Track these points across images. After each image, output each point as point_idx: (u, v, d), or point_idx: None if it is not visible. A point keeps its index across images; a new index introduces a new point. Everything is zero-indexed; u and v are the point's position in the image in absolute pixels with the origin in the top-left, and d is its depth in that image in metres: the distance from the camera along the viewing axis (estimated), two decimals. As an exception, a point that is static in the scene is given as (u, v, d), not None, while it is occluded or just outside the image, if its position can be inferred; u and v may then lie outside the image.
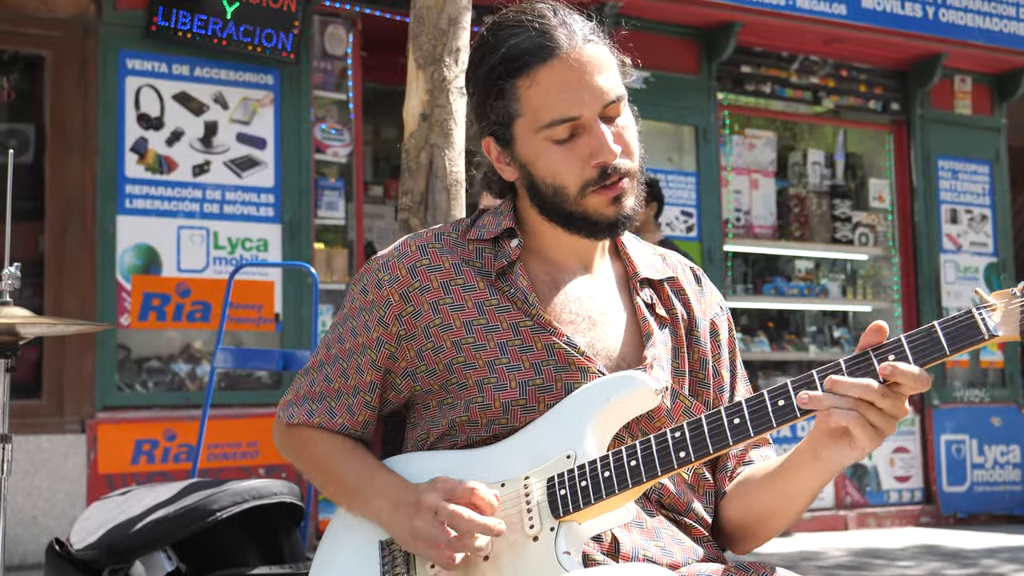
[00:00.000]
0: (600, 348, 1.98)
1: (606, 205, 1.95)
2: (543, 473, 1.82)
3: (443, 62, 3.56)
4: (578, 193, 1.94)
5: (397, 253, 2.04)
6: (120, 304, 7.15)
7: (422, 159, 3.54)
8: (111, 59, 7.28)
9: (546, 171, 1.96)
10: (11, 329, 2.96)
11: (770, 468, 1.97)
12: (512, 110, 1.97)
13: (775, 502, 1.95)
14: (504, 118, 1.98)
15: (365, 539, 1.94)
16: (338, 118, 8.09)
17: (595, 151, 1.92)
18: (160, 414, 7.15)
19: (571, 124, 1.93)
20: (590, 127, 1.93)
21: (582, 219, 1.97)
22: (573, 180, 1.94)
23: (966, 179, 10.56)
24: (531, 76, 1.93)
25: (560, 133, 1.93)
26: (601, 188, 1.94)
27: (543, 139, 1.95)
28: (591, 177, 1.93)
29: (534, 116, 1.95)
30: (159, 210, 7.31)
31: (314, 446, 2.04)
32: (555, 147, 1.94)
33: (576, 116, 1.92)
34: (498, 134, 2.01)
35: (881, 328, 1.72)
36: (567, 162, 1.94)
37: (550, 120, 1.93)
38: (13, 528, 6.48)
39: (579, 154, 1.93)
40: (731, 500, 2.02)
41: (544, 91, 1.93)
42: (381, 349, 2.00)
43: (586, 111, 1.92)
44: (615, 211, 1.96)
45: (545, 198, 1.98)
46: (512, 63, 1.94)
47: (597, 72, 1.93)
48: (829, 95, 10.11)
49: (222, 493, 3.17)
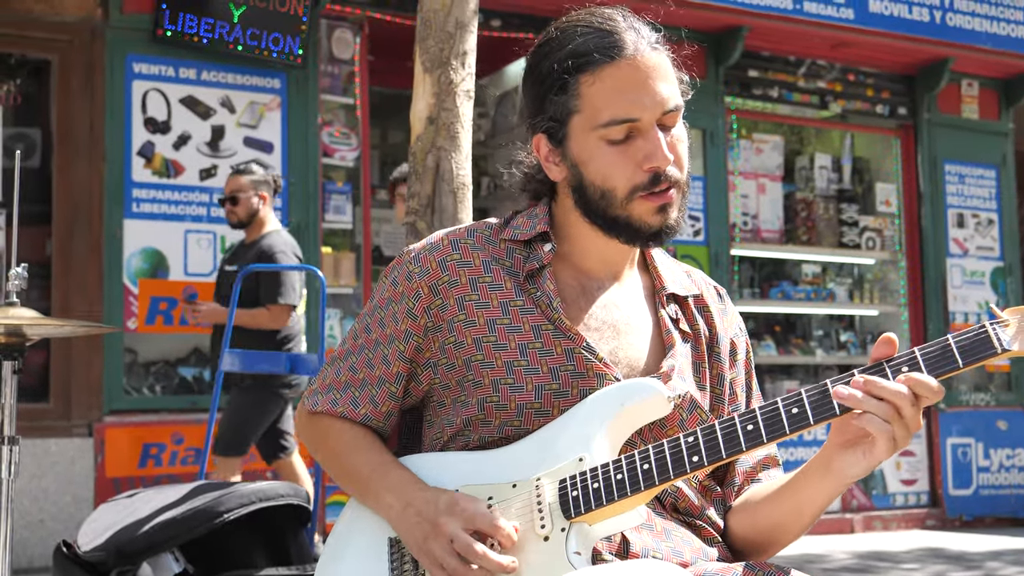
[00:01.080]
0: (623, 356, 1.98)
1: (652, 213, 1.95)
2: (555, 475, 1.82)
3: (450, 65, 3.56)
4: (626, 197, 1.94)
5: (429, 247, 2.05)
6: (127, 308, 7.16)
7: (429, 162, 3.54)
8: (118, 63, 7.30)
9: (596, 172, 1.96)
10: (18, 330, 2.96)
11: (779, 484, 1.98)
12: (571, 106, 1.97)
13: (783, 516, 1.96)
14: (562, 114, 1.98)
15: (374, 535, 1.95)
16: (345, 122, 8.10)
17: (649, 155, 1.92)
18: (167, 417, 7.16)
19: (629, 125, 1.93)
20: (647, 131, 1.93)
21: (625, 224, 1.97)
22: (623, 183, 1.94)
23: (973, 183, 10.56)
24: (595, 73, 1.93)
25: (616, 134, 1.93)
26: (650, 195, 1.94)
27: (598, 138, 1.95)
28: (642, 181, 1.93)
29: (593, 114, 1.94)
30: (166, 214, 7.32)
31: (335, 435, 2.05)
32: (609, 148, 1.94)
33: (635, 118, 1.92)
34: (551, 131, 2.01)
35: (891, 340, 1.74)
36: (619, 164, 1.94)
37: (609, 119, 1.93)
38: (21, 531, 6.48)
39: (633, 157, 1.93)
40: (736, 515, 2.03)
41: (607, 89, 1.93)
42: (409, 341, 2.00)
43: (646, 115, 1.92)
44: (660, 220, 1.96)
45: (592, 200, 1.98)
46: (578, 59, 1.94)
47: (660, 79, 1.93)
48: (836, 99, 10.11)
49: (229, 495, 3.17)
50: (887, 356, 1.73)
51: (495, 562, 1.77)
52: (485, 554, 1.77)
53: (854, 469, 1.78)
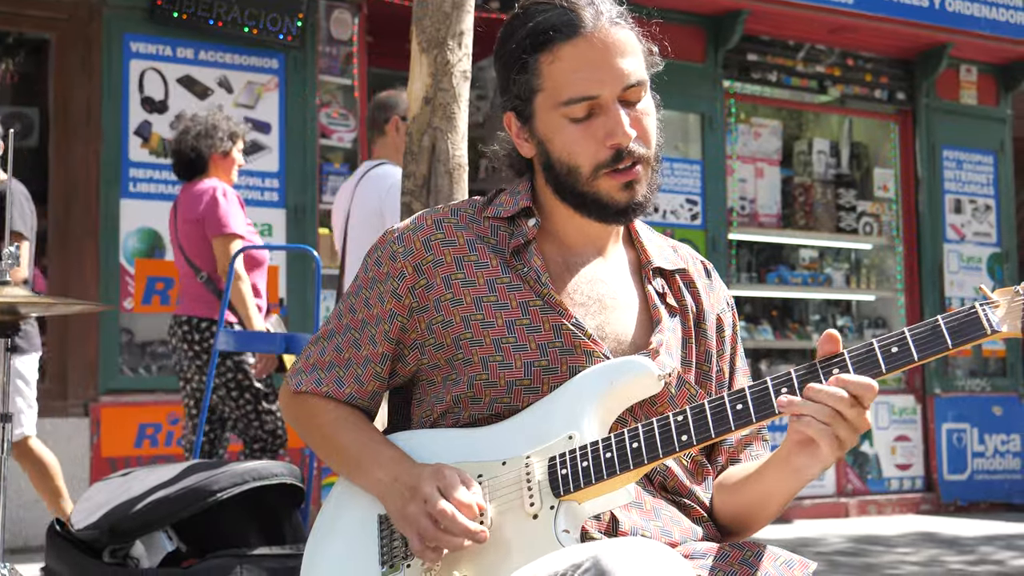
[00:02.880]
0: (609, 332, 1.98)
1: (618, 190, 1.95)
2: (545, 452, 1.83)
3: (446, 45, 3.55)
4: (591, 174, 1.95)
5: (412, 226, 2.04)
6: (123, 288, 7.16)
7: (425, 142, 3.53)
8: (115, 42, 7.28)
9: (562, 149, 1.97)
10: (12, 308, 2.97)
11: (750, 470, 1.99)
12: (533, 85, 1.97)
13: (750, 504, 1.98)
14: (525, 93, 1.99)
15: (364, 513, 1.95)
16: (343, 103, 8.08)
17: (610, 132, 1.92)
18: (163, 398, 7.17)
19: (589, 103, 1.93)
20: (608, 108, 1.93)
21: (593, 201, 1.97)
22: (587, 160, 1.94)
23: (971, 169, 10.56)
24: (554, 52, 1.94)
25: (578, 112, 1.94)
26: (614, 172, 1.94)
27: (560, 116, 1.95)
28: (605, 158, 1.93)
29: (554, 92, 1.95)
30: (163, 194, 7.31)
31: (320, 414, 2.05)
32: (572, 125, 1.95)
33: (594, 95, 1.92)
34: (519, 109, 2.02)
35: (835, 337, 1.76)
36: (582, 142, 1.94)
37: (568, 97, 1.93)
38: (16, 511, 6.49)
39: (594, 134, 1.93)
40: (715, 494, 2.04)
41: (565, 68, 1.93)
42: (394, 321, 2.00)
43: (605, 91, 1.92)
44: (627, 196, 1.96)
45: (559, 177, 1.99)
46: (537, 37, 1.95)
47: (620, 54, 1.93)
48: (835, 84, 10.10)
49: (223, 474, 3.18)
50: (831, 353, 1.75)
51: (461, 524, 1.76)
52: (453, 515, 1.76)
53: (809, 469, 1.79)
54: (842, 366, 1.72)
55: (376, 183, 5.18)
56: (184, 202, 5.64)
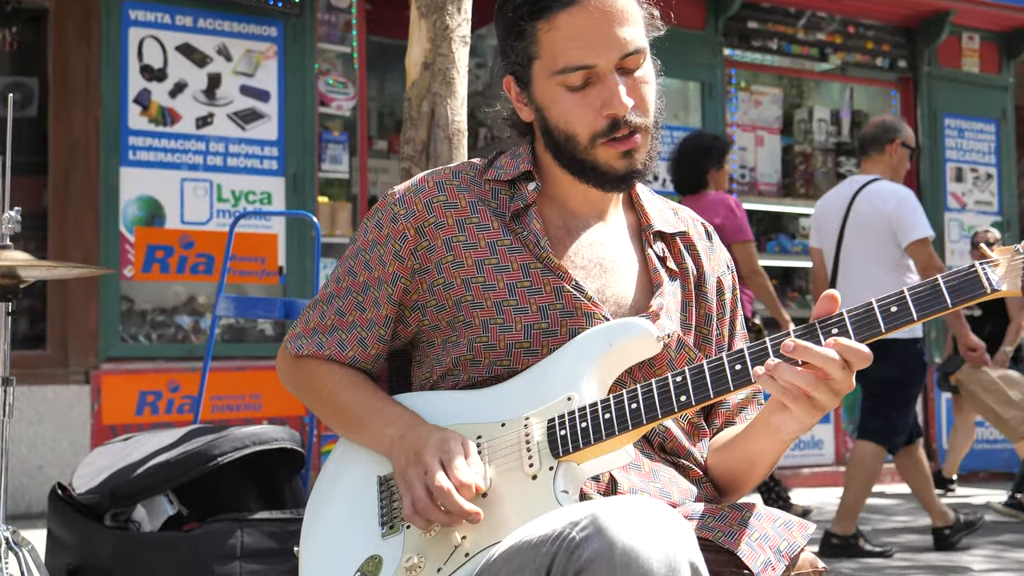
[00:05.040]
0: (610, 295, 1.99)
1: (616, 158, 1.95)
2: (544, 414, 1.83)
3: (446, 10, 3.54)
4: (588, 143, 1.95)
5: (414, 188, 2.04)
6: (124, 256, 7.16)
7: (424, 108, 3.52)
8: (114, 9, 7.25)
9: (559, 117, 1.97)
10: (12, 272, 2.97)
11: (737, 433, 2.00)
12: (531, 52, 1.97)
13: (739, 465, 1.99)
14: (523, 59, 1.99)
15: (364, 474, 1.95)
16: (342, 71, 8.06)
17: (606, 102, 1.92)
18: (164, 365, 7.18)
19: (585, 72, 1.92)
20: (604, 77, 1.92)
21: (592, 169, 1.97)
22: (584, 129, 1.94)
23: (972, 138, 10.53)
24: (550, 20, 1.93)
25: (574, 80, 1.93)
26: (611, 141, 1.94)
27: (557, 84, 1.95)
28: (601, 128, 1.93)
29: (551, 60, 1.95)
30: (162, 162, 7.30)
31: (324, 376, 2.04)
32: (569, 94, 1.94)
33: (591, 64, 1.92)
34: (517, 74, 2.02)
35: (834, 297, 1.74)
36: (579, 110, 1.94)
37: (564, 66, 1.93)
38: (18, 477, 6.52)
39: (591, 104, 1.93)
40: (710, 455, 2.05)
41: (562, 36, 1.92)
42: (397, 283, 2.00)
43: (601, 61, 1.91)
44: (626, 165, 1.96)
45: (559, 144, 1.99)
46: (534, 5, 1.94)
47: (618, 22, 1.92)
48: (836, 52, 10.06)
49: (223, 439, 3.19)
50: (829, 313, 1.73)
51: (456, 504, 1.75)
52: (450, 492, 1.75)
53: (788, 428, 1.79)
54: (841, 326, 1.71)
55: (874, 197, 5.88)
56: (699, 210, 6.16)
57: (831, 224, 6.07)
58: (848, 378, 1.69)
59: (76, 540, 3.23)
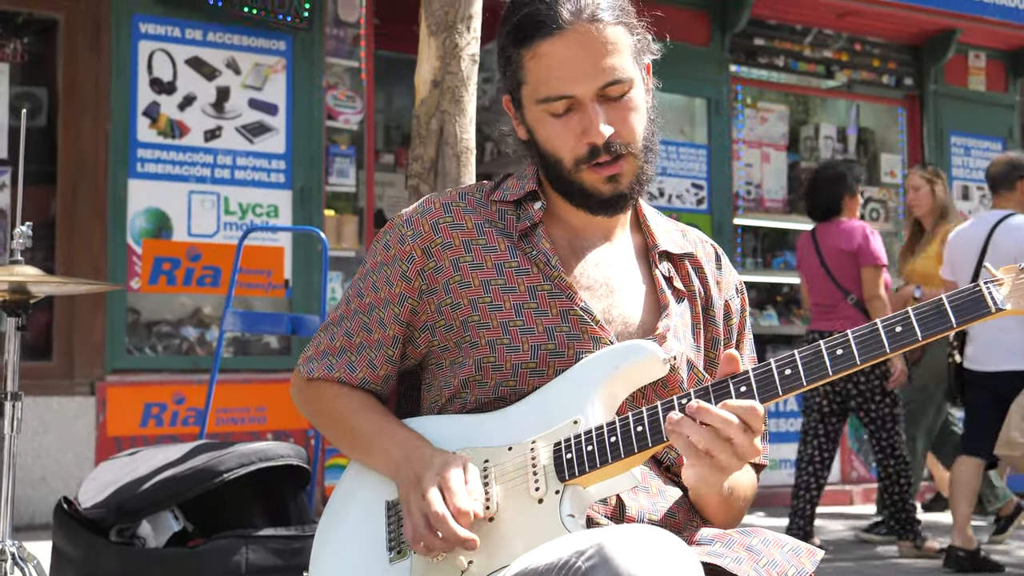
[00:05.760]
0: (616, 315, 1.99)
1: (601, 182, 1.97)
2: (550, 437, 1.83)
3: (455, 28, 3.55)
4: (572, 167, 1.97)
5: (421, 210, 2.06)
6: (131, 268, 7.17)
7: (433, 125, 3.53)
8: (124, 23, 7.27)
9: (545, 141, 2.00)
10: (22, 287, 2.98)
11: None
12: (519, 77, 2.00)
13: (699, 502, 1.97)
14: (513, 84, 2.02)
15: (373, 498, 1.96)
16: (350, 85, 8.08)
17: (585, 130, 1.94)
18: (169, 378, 7.19)
19: (566, 101, 1.95)
20: (583, 106, 1.94)
21: (579, 191, 1.99)
22: (567, 154, 1.97)
23: (979, 156, 10.52)
24: (533, 48, 1.95)
25: (556, 108, 1.96)
26: (594, 166, 1.96)
27: (542, 110, 1.98)
28: (582, 154, 1.96)
29: (535, 88, 1.97)
30: (170, 174, 7.32)
31: (332, 399, 2.06)
32: (552, 119, 1.97)
33: (570, 95, 1.94)
34: (512, 95, 2.05)
35: (734, 357, 1.76)
36: (562, 136, 1.96)
37: (546, 95, 1.96)
38: (22, 488, 6.52)
39: (572, 130, 1.95)
40: None
41: (544, 65, 1.95)
42: (404, 304, 2.02)
43: (580, 90, 1.93)
44: (611, 189, 1.98)
45: (548, 166, 2.02)
46: (519, 32, 1.97)
47: (598, 52, 1.92)
48: (842, 69, 10.07)
49: (229, 455, 3.19)
50: (732, 373, 1.75)
51: (452, 530, 1.76)
52: (445, 519, 1.76)
53: (693, 483, 1.81)
54: (846, 347, 1.71)
55: (1014, 231, 6.19)
56: (834, 235, 6.77)
57: (967, 258, 6.30)
58: (749, 440, 1.69)
59: (81, 555, 3.22)
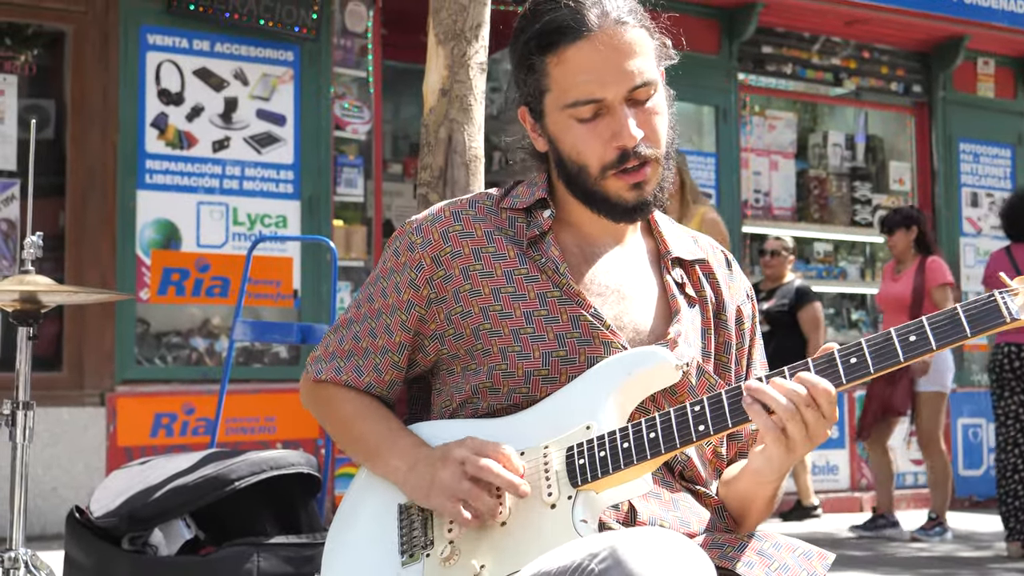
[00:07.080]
0: (627, 321, 1.99)
1: (626, 190, 1.96)
2: (563, 443, 1.83)
3: (464, 37, 3.56)
4: (599, 174, 1.96)
5: (431, 217, 2.06)
6: (140, 278, 7.19)
7: (441, 134, 3.54)
8: (132, 34, 7.30)
9: (571, 149, 1.98)
10: (33, 297, 2.98)
11: (739, 467, 2.00)
12: (542, 85, 1.99)
13: (735, 504, 1.99)
14: (535, 92, 2.01)
15: (384, 502, 1.96)
16: (358, 95, 8.10)
17: (616, 134, 1.93)
18: (179, 388, 7.20)
19: (595, 105, 1.94)
20: (613, 109, 1.93)
21: (603, 200, 1.98)
22: (594, 160, 1.96)
23: (988, 162, 10.52)
24: (559, 54, 1.94)
25: (584, 113, 1.95)
26: (621, 172, 1.95)
27: (568, 117, 1.96)
28: (611, 159, 1.94)
29: (561, 94, 1.96)
30: (179, 185, 7.34)
31: (340, 404, 2.06)
32: (579, 125, 1.96)
33: (599, 98, 1.93)
34: (531, 105, 2.04)
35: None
36: (589, 142, 1.95)
37: (574, 100, 1.94)
38: (33, 499, 6.52)
39: (601, 135, 1.94)
40: (719, 487, 2.05)
41: (571, 70, 1.94)
42: (411, 311, 2.01)
43: (609, 94, 1.93)
44: (636, 196, 1.97)
45: (570, 174, 2.00)
46: (543, 39, 1.96)
47: (626, 55, 1.93)
48: (850, 77, 10.08)
49: (241, 463, 3.19)
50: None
51: (507, 479, 1.78)
52: (499, 472, 1.79)
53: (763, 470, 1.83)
54: (859, 355, 1.71)
55: None
56: None
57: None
58: (819, 419, 1.71)
59: (93, 564, 3.23)
